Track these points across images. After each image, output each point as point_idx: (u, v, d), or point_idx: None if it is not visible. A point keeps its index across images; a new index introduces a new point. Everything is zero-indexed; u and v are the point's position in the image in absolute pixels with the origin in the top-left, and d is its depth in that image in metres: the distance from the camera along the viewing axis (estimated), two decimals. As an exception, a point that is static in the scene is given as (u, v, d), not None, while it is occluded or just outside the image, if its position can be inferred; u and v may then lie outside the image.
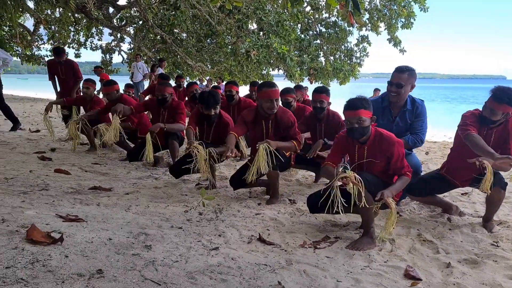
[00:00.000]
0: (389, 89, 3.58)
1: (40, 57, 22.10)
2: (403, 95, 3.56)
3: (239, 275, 2.38)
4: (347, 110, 2.96)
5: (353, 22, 3.41)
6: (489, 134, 3.20)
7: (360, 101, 2.94)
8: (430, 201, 3.61)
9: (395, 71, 3.58)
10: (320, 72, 15.75)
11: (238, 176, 4.00)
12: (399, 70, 3.55)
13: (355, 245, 2.90)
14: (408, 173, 3.00)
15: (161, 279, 2.24)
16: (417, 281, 2.43)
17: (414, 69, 3.58)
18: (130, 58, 20.03)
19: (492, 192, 3.10)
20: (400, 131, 3.54)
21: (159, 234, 2.89)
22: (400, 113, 3.62)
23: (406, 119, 3.61)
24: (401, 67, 3.58)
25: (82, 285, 2.10)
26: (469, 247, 2.95)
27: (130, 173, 4.93)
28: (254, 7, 13.98)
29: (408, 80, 3.53)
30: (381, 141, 2.97)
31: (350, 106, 2.95)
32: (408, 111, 3.60)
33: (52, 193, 3.79)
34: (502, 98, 3.06)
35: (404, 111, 3.61)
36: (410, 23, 16.04)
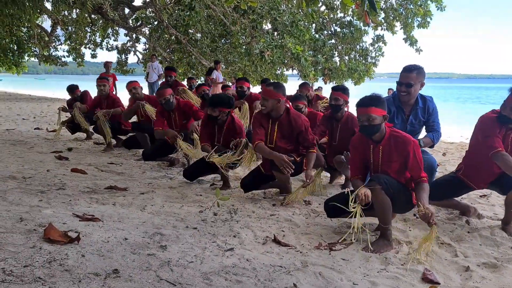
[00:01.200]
0: (399, 89, 3.60)
1: (57, 57, 22.41)
2: (413, 94, 3.57)
3: (254, 277, 2.36)
4: (358, 107, 2.97)
5: (369, 21, 3.37)
6: (509, 135, 3.13)
7: (372, 99, 2.94)
8: (447, 204, 3.55)
9: (403, 71, 3.59)
10: (334, 72, 15.66)
11: (249, 179, 4.02)
12: (407, 70, 3.56)
13: (371, 247, 2.86)
14: (425, 179, 2.90)
15: (176, 279, 2.24)
16: (435, 284, 2.39)
17: (422, 67, 3.58)
18: (145, 58, 20.18)
19: (510, 195, 3.04)
20: (414, 128, 3.63)
21: (174, 234, 2.90)
22: (412, 111, 3.65)
23: (419, 116, 3.65)
24: (409, 66, 3.58)
25: (99, 284, 2.11)
26: (488, 251, 2.89)
27: (145, 173, 4.96)
28: (269, 7, 13.97)
29: (417, 78, 3.54)
30: (396, 141, 2.93)
31: (361, 103, 2.96)
32: (420, 109, 3.65)
33: (69, 192, 3.83)
34: None
35: (416, 109, 3.65)
36: (426, 22, 15.86)
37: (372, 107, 2.89)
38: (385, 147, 2.97)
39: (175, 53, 18.67)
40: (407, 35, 16.21)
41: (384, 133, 2.97)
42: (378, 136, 2.98)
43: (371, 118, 2.88)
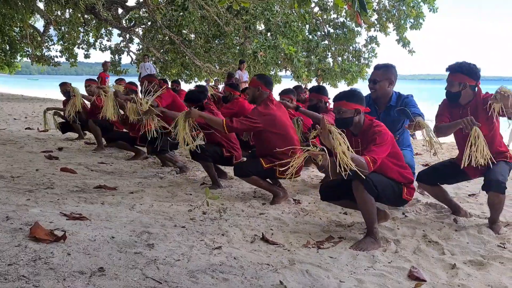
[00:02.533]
0: (368, 86, 3.74)
1: (50, 57, 22.28)
2: (379, 91, 3.63)
3: (241, 274, 2.36)
4: (333, 100, 3.07)
5: (361, 22, 3.40)
6: (464, 114, 3.19)
7: (344, 93, 3.03)
8: (440, 195, 3.53)
9: (373, 68, 3.76)
10: (327, 73, 15.71)
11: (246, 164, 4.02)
12: (376, 67, 3.72)
13: (359, 245, 2.87)
14: (369, 160, 2.74)
15: (162, 277, 2.23)
16: (421, 282, 2.40)
17: (391, 65, 3.67)
18: (138, 58, 20.14)
19: (491, 196, 3.11)
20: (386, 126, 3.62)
21: (162, 233, 2.89)
22: (385, 109, 3.69)
23: (391, 114, 3.64)
24: (379, 64, 3.73)
25: (83, 282, 2.10)
26: (475, 249, 2.91)
27: (135, 173, 4.95)
28: (262, 8, 13.99)
29: (383, 75, 3.60)
30: (369, 131, 2.95)
31: (335, 97, 3.06)
32: (393, 107, 3.64)
33: (57, 191, 3.81)
34: (455, 68, 3.21)
35: (388, 107, 3.67)
36: (419, 24, 15.95)
37: (343, 100, 2.97)
38: (361, 139, 3.00)
39: (168, 54, 18.64)
40: (400, 36, 16.29)
41: (361, 125, 3.00)
42: (355, 129, 3.03)
43: (341, 111, 2.96)
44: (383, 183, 2.90)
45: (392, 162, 2.98)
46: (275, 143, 3.69)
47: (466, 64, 3.20)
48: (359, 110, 2.96)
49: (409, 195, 3.08)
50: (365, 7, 3.27)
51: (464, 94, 3.22)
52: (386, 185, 2.92)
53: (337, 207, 3.73)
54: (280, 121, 3.83)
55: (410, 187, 3.09)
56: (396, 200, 3.04)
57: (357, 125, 3.00)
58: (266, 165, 3.77)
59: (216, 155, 4.30)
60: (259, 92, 3.94)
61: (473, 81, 3.19)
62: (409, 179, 3.07)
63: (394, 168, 2.99)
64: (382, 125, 2.99)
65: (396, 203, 3.14)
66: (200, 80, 20.80)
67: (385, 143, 2.88)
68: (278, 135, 3.77)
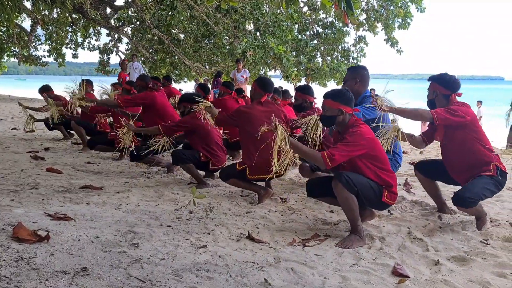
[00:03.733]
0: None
1: (38, 57, 22.04)
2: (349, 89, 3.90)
3: (226, 273, 2.36)
4: (323, 96, 3.14)
5: (348, 21, 3.42)
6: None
7: (333, 92, 3.09)
8: (431, 189, 3.56)
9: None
10: (317, 73, 15.74)
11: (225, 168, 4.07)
12: (347, 69, 4.14)
13: (344, 243, 2.89)
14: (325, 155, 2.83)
15: (146, 276, 2.22)
16: (404, 278, 2.42)
17: (361, 66, 4.04)
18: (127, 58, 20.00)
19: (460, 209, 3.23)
20: None
21: (148, 232, 2.88)
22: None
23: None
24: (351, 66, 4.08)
25: (66, 282, 2.09)
26: (458, 245, 2.94)
27: (122, 173, 4.92)
28: (251, 7, 13.99)
29: (350, 76, 3.90)
30: (347, 130, 3.00)
31: (324, 93, 3.13)
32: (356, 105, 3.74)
33: (42, 191, 3.77)
34: (433, 77, 3.37)
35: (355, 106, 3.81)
36: (407, 24, 16.05)
37: (329, 99, 3.05)
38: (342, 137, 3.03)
39: (157, 54, 18.54)
40: (388, 36, 16.37)
41: (345, 124, 3.04)
42: (340, 127, 3.09)
43: (325, 109, 3.07)
44: (362, 182, 2.92)
45: (369, 164, 2.98)
46: (247, 143, 3.84)
47: (444, 75, 3.35)
48: (342, 110, 2.99)
49: (390, 199, 3.05)
50: (352, 7, 3.29)
51: (438, 103, 3.31)
52: (365, 184, 2.94)
53: (323, 206, 3.75)
54: (253, 121, 3.76)
55: (391, 190, 3.05)
56: (377, 201, 3.02)
57: (341, 123, 3.05)
58: (239, 167, 3.81)
59: (194, 159, 4.34)
60: (253, 93, 4.07)
61: (448, 91, 3.27)
62: (388, 182, 3.03)
63: (370, 170, 2.99)
64: (363, 127, 3.01)
65: (376, 205, 3.11)
66: (189, 80, 20.75)
67: (353, 143, 2.91)
68: (248, 134, 3.79)
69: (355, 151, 2.92)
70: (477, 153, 3.18)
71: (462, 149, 3.21)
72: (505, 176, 3.18)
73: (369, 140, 2.98)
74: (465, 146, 3.19)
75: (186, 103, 4.51)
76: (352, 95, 3.11)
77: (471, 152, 3.18)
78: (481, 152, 3.18)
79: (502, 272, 2.53)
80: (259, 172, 3.75)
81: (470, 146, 3.19)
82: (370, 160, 2.99)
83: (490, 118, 15.82)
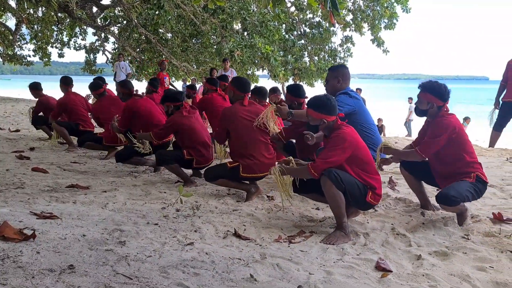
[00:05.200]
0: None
1: (23, 57, 21.75)
2: (329, 89, 4.14)
3: (212, 269, 2.39)
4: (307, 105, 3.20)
5: (334, 22, 3.46)
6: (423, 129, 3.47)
7: (314, 102, 3.11)
8: (415, 186, 3.63)
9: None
10: (304, 72, 15.84)
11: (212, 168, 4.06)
12: (329, 69, 4.32)
13: (329, 239, 2.94)
14: (310, 167, 2.99)
15: (133, 273, 2.24)
16: (387, 272, 2.48)
17: (341, 65, 4.28)
18: (114, 58, 19.86)
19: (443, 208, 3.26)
20: None
21: (134, 230, 2.90)
22: None
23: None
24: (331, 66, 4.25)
25: (53, 280, 2.10)
26: (440, 240, 3.01)
27: (109, 172, 4.91)
28: (239, 7, 14.01)
29: (331, 75, 4.10)
30: (331, 134, 3.06)
31: (308, 101, 3.19)
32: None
33: (28, 191, 3.76)
34: (426, 87, 3.30)
35: None
36: (392, 24, 16.24)
37: (310, 109, 3.11)
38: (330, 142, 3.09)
39: (145, 53, 18.44)
40: (375, 36, 16.55)
41: (331, 129, 3.09)
42: (327, 132, 3.12)
43: (310, 118, 3.14)
44: (349, 180, 2.99)
45: (354, 167, 3.04)
46: (235, 144, 3.90)
47: (437, 86, 3.29)
48: (324, 121, 3.05)
49: (373, 200, 3.11)
50: (337, 7, 3.34)
51: (431, 112, 3.33)
52: (352, 183, 3.00)
53: (309, 203, 3.80)
54: (240, 123, 3.83)
55: (375, 192, 3.12)
56: (361, 200, 3.08)
57: (326, 129, 3.10)
58: (231, 165, 3.84)
59: (178, 157, 4.34)
60: (233, 95, 4.03)
61: (441, 102, 3.29)
62: (372, 185, 3.09)
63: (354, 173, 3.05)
64: (346, 129, 3.06)
65: (360, 205, 3.16)
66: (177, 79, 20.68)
67: (336, 148, 2.98)
68: (237, 135, 3.85)
69: (339, 155, 2.97)
70: (461, 164, 3.27)
71: (447, 160, 3.29)
72: (485, 185, 3.29)
73: (352, 142, 3.02)
74: (451, 158, 3.28)
75: (169, 102, 4.43)
76: (335, 103, 3.14)
77: (456, 163, 3.27)
78: (465, 162, 3.26)
79: (482, 266, 2.60)
80: (252, 171, 3.80)
81: (455, 158, 3.27)
82: (355, 162, 3.04)
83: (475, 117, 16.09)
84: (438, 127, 3.25)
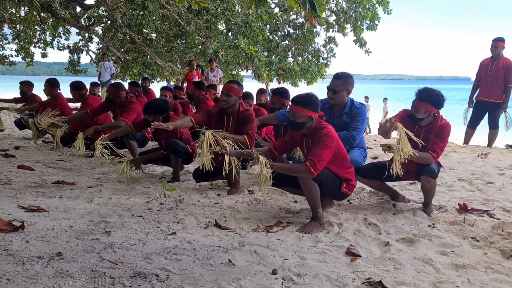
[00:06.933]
0: (327, 94, 3.93)
1: (5, 57, 21.53)
2: (338, 99, 3.87)
3: (193, 255, 2.55)
4: (291, 102, 3.30)
5: (315, 23, 3.62)
6: (418, 131, 3.52)
7: (303, 99, 3.20)
8: (378, 186, 3.84)
9: (333, 77, 3.93)
10: (288, 73, 16.06)
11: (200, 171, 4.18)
12: (336, 77, 3.89)
13: (304, 229, 3.12)
14: (308, 164, 3.05)
15: (118, 259, 2.39)
16: (356, 257, 2.67)
17: (350, 76, 3.89)
18: (98, 58, 19.80)
19: (423, 181, 3.45)
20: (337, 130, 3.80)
21: (119, 222, 3.04)
22: (338, 115, 3.95)
23: (343, 120, 3.93)
24: (338, 74, 3.89)
25: (42, 266, 2.23)
26: (408, 229, 3.22)
27: (94, 169, 5.02)
28: (223, 8, 14.15)
29: (343, 86, 3.83)
30: (318, 133, 3.20)
31: (292, 99, 3.28)
32: (346, 114, 3.93)
33: (14, 187, 3.86)
34: (424, 97, 3.40)
35: (341, 114, 3.94)
36: (374, 25, 16.55)
37: (299, 106, 3.18)
38: (312, 140, 3.26)
39: (129, 53, 18.44)
40: (357, 37, 16.85)
41: (312, 127, 3.24)
42: (307, 131, 3.28)
43: (296, 115, 3.19)
44: (325, 173, 3.18)
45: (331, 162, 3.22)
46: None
47: (435, 95, 3.39)
48: (312, 117, 3.20)
49: (348, 190, 3.34)
50: (316, 9, 3.50)
51: (426, 119, 3.50)
52: (327, 175, 3.20)
53: (288, 197, 3.98)
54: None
55: (349, 183, 3.35)
56: (336, 191, 3.30)
57: (308, 128, 3.24)
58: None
59: (185, 151, 4.50)
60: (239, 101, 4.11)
61: (437, 110, 3.45)
62: (347, 178, 3.32)
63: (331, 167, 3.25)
64: (330, 127, 3.24)
65: (335, 195, 3.38)
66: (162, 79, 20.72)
67: (329, 146, 3.14)
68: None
69: (330, 153, 3.16)
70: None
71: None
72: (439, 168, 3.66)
73: (336, 139, 3.22)
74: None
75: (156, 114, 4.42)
76: (319, 100, 3.30)
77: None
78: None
79: (444, 251, 2.82)
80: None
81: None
82: (334, 158, 3.23)
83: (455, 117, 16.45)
84: (445, 131, 3.45)
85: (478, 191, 4.23)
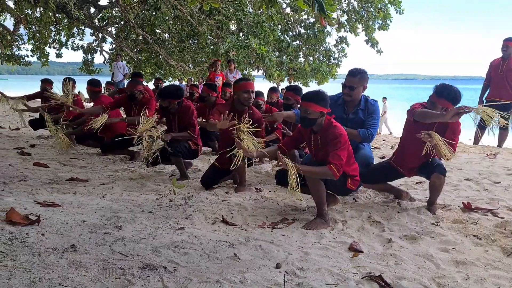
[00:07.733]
0: (343, 91, 3.93)
1: (21, 57, 21.96)
2: (355, 96, 3.89)
3: (200, 249, 2.65)
4: (301, 99, 3.34)
5: (324, 24, 3.70)
6: (431, 126, 3.53)
7: (313, 95, 3.25)
8: (382, 188, 3.92)
9: (348, 74, 3.92)
10: (299, 73, 16.10)
11: (207, 176, 4.30)
12: (351, 74, 3.88)
13: (309, 225, 3.20)
14: (333, 167, 3.08)
15: (129, 252, 2.50)
16: (359, 253, 2.75)
17: (365, 71, 3.91)
18: (112, 58, 20.07)
19: (433, 178, 3.45)
20: (353, 127, 3.87)
21: (130, 217, 3.15)
22: (354, 111, 3.97)
23: (359, 116, 3.95)
24: (353, 70, 3.89)
25: (57, 257, 2.35)
26: (412, 226, 3.27)
27: (107, 167, 5.16)
28: (234, 8, 14.27)
29: (359, 82, 3.84)
30: (328, 132, 3.26)
31: (303, 96, 3.32)
32: (361, 110, 3.95)
33: (30, 183, 4.01)
34: (442, 93, 3.43)
35: (357, 110, 3.95)
36: (386, 25, 16.51)
37: (312, 102, 3.21)
38: (321, 137, 3.32)
39: (142, 53, 18.68)
40: (369, 36, 16.83)
41: (322, 125, 3.31)
42: (316, 127, 3.33)
43: (308, 111, 3.22)
44: None
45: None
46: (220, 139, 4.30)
47: (453, 92, 3.40)
48: (323, 113, 3.26)
49: (353, 185, 3.40)
50: (324, 10, 3.57)
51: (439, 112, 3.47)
52: None
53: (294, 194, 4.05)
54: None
55: (354, 179, 3.41)
56: (341, 187, 3.37)
57: (319, 124, 3.31)
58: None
59: (185, 150, 4.61)
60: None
61: (453, 106, 3.45)
62: (352, 174, 3.37)
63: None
64: (339, 126, 3.30)
65: (341, 191, 3.45)
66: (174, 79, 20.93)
67: (345, 147, 3.20)
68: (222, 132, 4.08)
69: (346, 153, 3.22)
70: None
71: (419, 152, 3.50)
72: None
73: (347, 137, 3.28)
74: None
75: (172, 99, 4.56)
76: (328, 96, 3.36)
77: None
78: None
79: (445, 248, 2.87)
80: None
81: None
82: None
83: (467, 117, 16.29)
84: (457, 127, 3.47)
85: (484, 191, 4.26)
